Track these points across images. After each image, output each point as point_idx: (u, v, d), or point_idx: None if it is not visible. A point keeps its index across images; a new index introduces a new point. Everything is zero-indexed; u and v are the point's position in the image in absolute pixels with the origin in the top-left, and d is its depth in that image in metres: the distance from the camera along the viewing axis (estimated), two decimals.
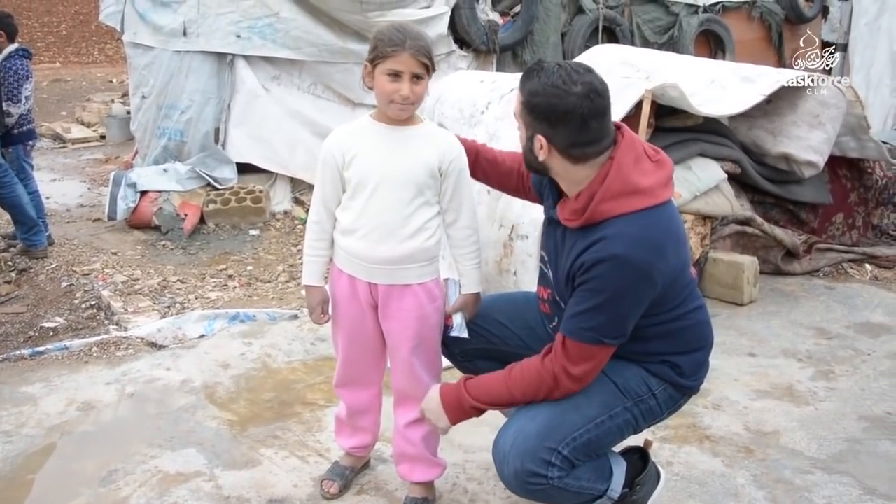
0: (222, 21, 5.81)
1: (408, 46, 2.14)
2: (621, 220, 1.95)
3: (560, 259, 2.11)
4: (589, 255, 1.96)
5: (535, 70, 2.02)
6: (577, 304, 2.00)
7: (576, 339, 2.01)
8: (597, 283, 1.95)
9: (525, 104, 2.02)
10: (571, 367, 2.02)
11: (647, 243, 1.95)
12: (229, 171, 5.88)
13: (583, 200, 2.00)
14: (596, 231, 1.97)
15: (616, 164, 1.99)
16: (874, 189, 5.15)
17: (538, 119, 2.00)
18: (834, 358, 3.60)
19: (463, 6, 6.44)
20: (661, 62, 4.67)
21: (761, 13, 8.95)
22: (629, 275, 1.94)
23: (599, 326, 1.99)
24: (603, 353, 2.04)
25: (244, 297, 4.45)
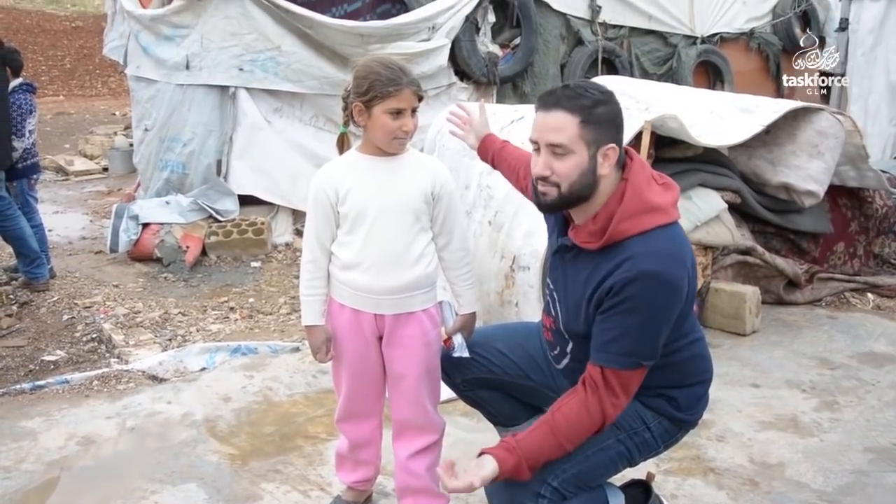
0: (225, 54, 5.87)
1: (406, 83, 2.18)
2: (642, 238, 1.94)
3: (571, 287, 2.09)
4: (618, 275, 1.92)
5: (565, 92, 1.96)
6: (610, 329, 1.96)
7: (615, 367, 1.96)
8: (630, 303, 1.92)
9: (586, 121, 1.91)
10: (617, 400, 1.98)
11: (675, 258, 1.95)
12: (231, 203, 5.90)
13: (601, 221, 1.98)
14: (618, 251, 1.95)
15: (631, 183, 1.98)
16: (874, 218, 5.16)
17: (606, 128, 1.94)
18: (838, 388, 3.58)
19: (463, 39, 6.52)
20: (660, 93, 4.71)
21: (759, 44, 9.04)
22: (662, 291, 1.93)
23: (637, 349, 1.96)
24: (639, 377, 2.01)
25: (246, 329, 4.44)
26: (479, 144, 2.69)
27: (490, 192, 3.87)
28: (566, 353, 2.21)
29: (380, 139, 2.25)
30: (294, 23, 5.91)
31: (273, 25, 5.90)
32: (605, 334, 1.97)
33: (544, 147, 1.96)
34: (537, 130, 1.99)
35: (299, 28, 5.93)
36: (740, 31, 8.93)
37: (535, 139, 2.00)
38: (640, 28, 8.02)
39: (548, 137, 1.95)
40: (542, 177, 1.97)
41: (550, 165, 1.95)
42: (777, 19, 9.08)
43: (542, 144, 1.96)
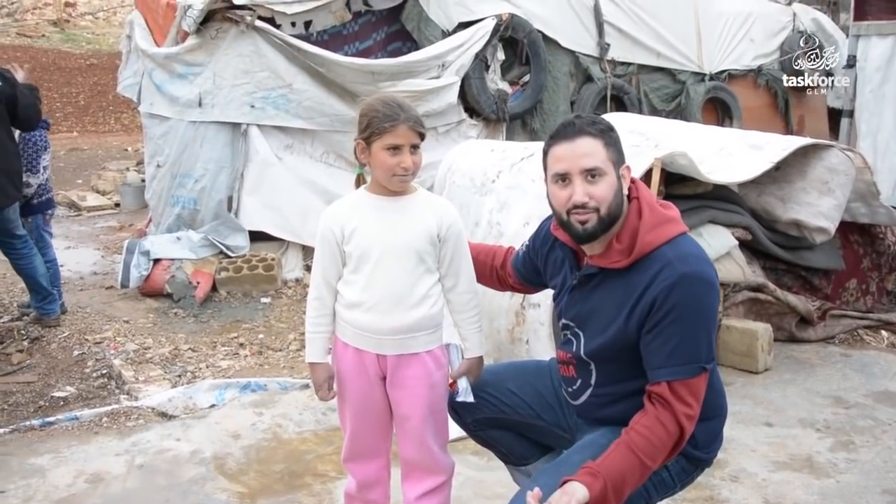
0: (237, 92, 5.94)
1: (403, 119, 2.18)
2: (670, 245, 2.01)
3: (600, 313, 2.10)
4: (658, 286, 1.96)
5: (582, 121, 2.07)
6: (664, 342, 1.97)
7: (681, 378, 1.97)
8: (678, 310, 1.95)
9: (607, 143, 2.04)
10: (689, 410, 1.98)
11: (705, 259, 2.05)
12: (242, 239, 5.92)
13: (626, 239, 2.03)
14: (650, 262, 2.00)
15: (643, 200, 2.07)
16: (887, 254, 5.13)
17: (620, 149, 2.09)
18: (853, 428, 3.53)
19: (473, 76, 6.58)
20: (670, 130, 4.73)
21: (767, 80, 9.09)
22: (705, 290, 1.98)
23: (696, 354, 1.97)
24: (705, 382, 2.02)
25: (255, 365, 4.44)
26: None
27: (500, 230, 3.88)
28: (589, 385, 2.19)
29: (381, 176, 2.25)
30: (306, 60, 5.98)
31: (285, 63, 5.97)
32: (661, 349, 1.99)
33: (578, 175, 2.02)
34: (567, 160, 2.03)
35: (311, 66, 6.00)
36: (748, 67, 8.98)
37: (564, 170, 2.04)
38: (649, 65, 8.08)
39: (582, 164, 2.01)
40: (582, 204, 2.01)
41: (588, 191, 2.01)
42: (785, 56, 9.13)
43: (576, 172, 2.02)
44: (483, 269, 2.55)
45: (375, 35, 6.74)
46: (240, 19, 5.84)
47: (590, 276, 2.12)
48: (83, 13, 27.03)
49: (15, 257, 4.86)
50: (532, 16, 7.05)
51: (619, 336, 2.05)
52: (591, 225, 2.03)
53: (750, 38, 8.94)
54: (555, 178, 2.07)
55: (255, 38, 5.91)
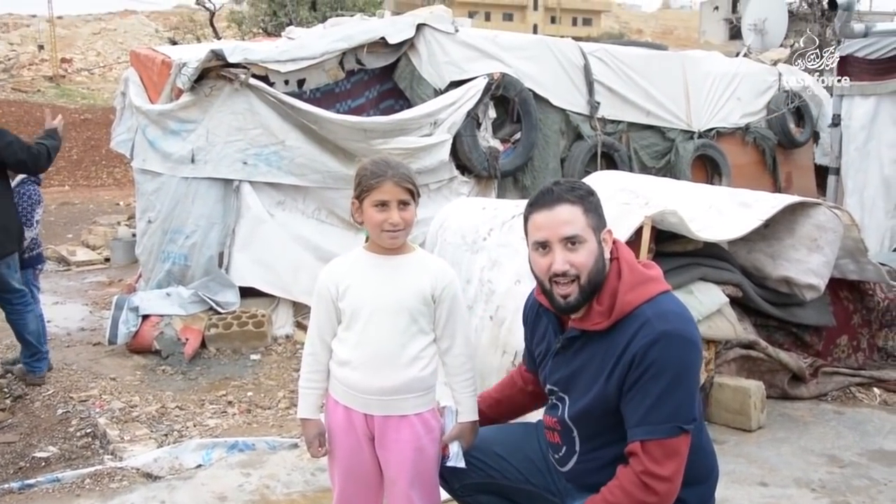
0: (230, 148, 5.97)
1: (390, 175, 2.20)
2: (650, 304, 2.01)
3: (583, 375, 2.09)
4: (638, 343, 1.96)
5: (561, 188, 2.07)
6: (641, 400, 1.96)
7: (654, 437, 1.94)
8: (656, 367, 1.94)
9: (587, 209, 2.04)
10: (658, 469, 1.93)
11: (687, 317, 2.04)
12: (232, 295, 5.90)
13: (606, 300, 2.03)
14: (630, 322, 1.99)
15: (623, 260, 2.08)
16: (877, 311, 5.15)
17: (600, 213, 2.09)
18: (849, 488, 3.49)
19: (464, 134, 6.65)
20: (660, 188, 4.77)
21: (754, 138, 9.20)
22: (684, 347, 1.97)
23: (674, 412, 1.95)
24: (684, 444, 1.98)
25: (243, 424, 4.37)
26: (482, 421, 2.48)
27: (492, 287, 3.87)
28: (574, 451, 2.17)
29: (372, 233, 2.27)
30: (299, 118, 6.04)
31: (278, 120, 6.02)
32: (638, 407, 1.97)
33: (557, 243, 2.02)
34: (546, 229, 2.03)
35: (304, 123, 6.06)
36: (736, 125, 9.10)
37: (544, 238, 2.04)
38: (639, 123, 8.16)
39: (561, 232, 2.01)
40: (562, 272, 2.00)
41: (568, 259, 2.01)
42: (771, 115, 9.27)
43: (556, 241, 2.02)
44: (516, 401, 2.54)
45: (368, 93, 6.82)
46: (234, 77, 5.91)
47: (572, 340, 2.12)
48: (79, 69, 27.39)
49: (9, 311, 4.83)
50: (523, 75, 7.16)
51: (600, 398, 2.04)
52: (573, 298, 2.03)
53: (737, 97, 9.08)
54: (535, 246, 2.07)
55: (248, 95, 5.97)
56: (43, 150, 4.77)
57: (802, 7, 18.40)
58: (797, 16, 17.81)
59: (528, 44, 7.48)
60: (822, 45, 15.39)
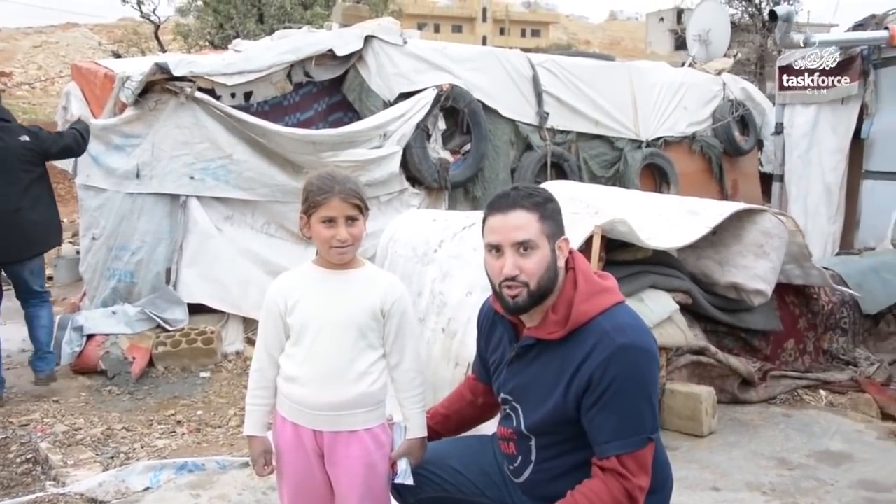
0: (176, 163, 5.87)
1: (336, 191, 2.18)
2: (605, 316, 2.01)
3: (538, 385, 2.08)
4: (595, 359, 1.95)
5: (518, 193, 2.06)
6: (607, 417, 1.96)
7: (628, 451, 1.95)
8: (619, 382, 1.94)
9: (543, 216, 2.03)
10: (640, 481, 1.96)
11: (643, 328, 2.04)
12: (180, 312, 5.78)
13: (562, 309, 2.03)
14: (586, 334, 1.99)
15: (579, 270, 2.08)
16: (821, 314, 5.26)
17: (557, 222, 2.08)
18: (798, 490, 3.54)
19: (414, 145, 6.64)
20: (610, 197, 4.82)
21: (701, 147, 9.37)
22: (643, 359, 1.98)
23: (642, 424, 1.97)
24: (651, 452, 2.01)
25: (193, 444, 4.27)
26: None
27: (443, 299, 3.86)
28: (530, 461, 2.16)
29: (321, 249, 2.25)
30: (246, 131, 5.97)
31: (225, 134, 5.95)
32: (606, 424, 1.97)
33: (510, 248, 2.02)
34: (499, 232, 2.04)
35: (252, 136, 5.99)
36: (683, 134, 9.26)
37: (497, 242, 2.04)
38: (587, 133, 8.27)
39: (513, 236, 2.01)
40: (512, 277, 2.01)
41: (518, 264, 2.01)
42: (717, 123, 9.46)
43: (508, 245, 2.02)
44: (466, 416, 2.52)
45: (317, 105, 6.77)
46: (179, 90, 5.82)
47: (527, 348, 2.12)
48: (19, 83, 26.75)
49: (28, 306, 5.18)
50: (472, 86, 7.19)
51: (559, 409, 2.03)
52: (521, 299, 2.03)
53: (683, 107, 9.25)
54: (489, 248, 2.08)
55: (194, 109, 5.89)
56: (77, 134, 5.19)
57: (744, 18, 18.84)
58: (739, 27, 18.25)
59: (476, 55, 7.52)
60: (763, 56, 15.79)
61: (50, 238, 5.23)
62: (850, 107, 8.05)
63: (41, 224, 5.04)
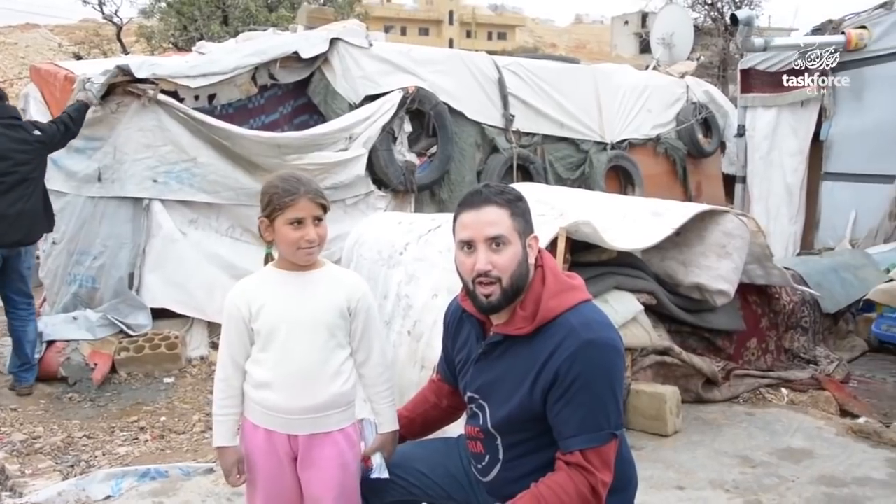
0: (139, 166, 5.80)
1: (303, 192, 2.17)
2: (573, 312, 2.02)
3: (505, 381, 2.09)
4: (562, 354, 1.96)
5: (490, 190, 2.08)
6: (575, 410, 1.97)
7: (593, 446, 1.96)
8: (585, 376, 1.95)
9: (514, 213, 2.05)
10: (604, 476, 1.97)
11: (608, 324, 2.06)
12: (143, 317, 5.70)
13: (530, 305, 2.04)
14: (553, 330, 2.00)
15: (547, 268, 2.10)
16: (783, 314, 5.34)
17: (527, 219, 2.09)
18: (760, 487, 3.58)
19: (380, 148, 6.63)
20: (575, 199, 4.84)
21: (665, 149, 9.47)
22: (609, 354, 1.99)
23: (607, 419, 1.97)
24: (615, 449, 2.02)
25: (156, 450, 4.22)
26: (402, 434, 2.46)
27: (409, 302, 3.85)
28: (497, 460, 2.16)
29: (286, 252, 2.23)
30: (210, 134, 5.92)
31: (189, 137, 5.89)
32: (571, 418, 1.98)
33: (482, 243, 2.03)
34: (472, 228, 2.04)
35: (216, 139, 5.94)
36: (647, 136, 9.35)
37: (469, 238, 2.05)
38: (553, 135, 8.31)
39: (486, 232, 2.02)
40: (484, 272, 2.01)
41: (491, 260, 2.01)
42: (681, 126, 9.56)
43: (480, 240, 2.03)
44: (430, 418, 2.52)
45: (282, 108, 6.74)
46: (142, 93, 5.76)
47: (495, 345, 2.12)
48: None
49: (13, 317, 5.02)
50: (438, 89, 7.20)
51: (525, 405, 2.04)
52: (494, 298, 2.04)
53: (648, 109, 9.34)
54: (461, 245, 2.08)
55: (157, 111, 5.82)
56: (67, 116, 5.26)
57: (707, 22, 19.08)
58: (703, 30, 18.48)
59: (442, 58, 7.53)
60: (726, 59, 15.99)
61: (49, 223, 5.32)
62: (810, 109, 8.22)
63: (43, 212, 5.18)
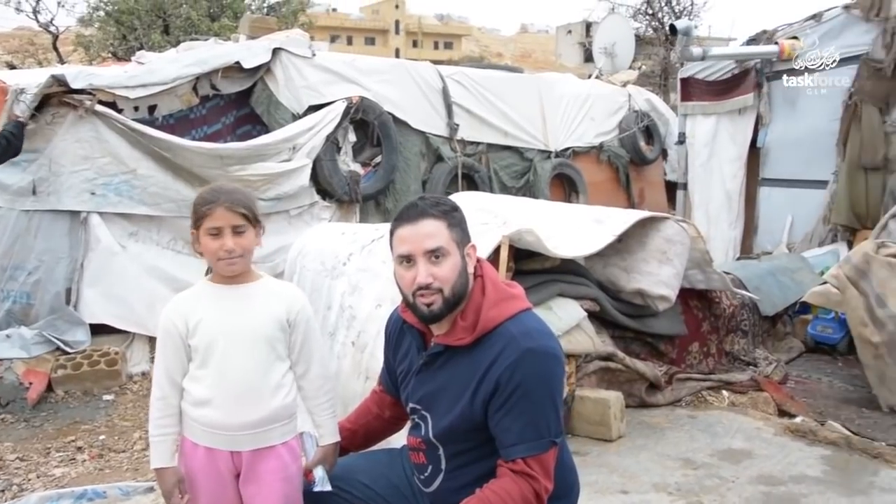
0: (76, 178, 5.67)
1: (221, 201, 2.15)
2: (511, 322, 2.03)
3: (447, 391, 2.09)
4: (502, 363, 1.97)
5: (425, 203, 2.09)
6: (516, 419, 1.97)
7: (535, 453, 1.97)
8: (525, 385, 1.96)
9: (451, 224, 2.05)
10: (547, 483, 1.99)
11: (548, 332, 2.07)
12: (82, 333, 5.56)
13: (470, 315, 2.05)
14: (494, 339, 2.01)
15: (487, 277, 2.10)
16: (723, 317, 5.45)
17: (464, 229, 2.10)
18: (701, 488, 3.64)
19: (324, 158, 6.59)
20: (518, 208, 4.88)
21: (608, 156, 9.59)
22: (549, 362, 2.00)
23: (547, 427, 1.98)
24: (554, 457, 2.03)
25: (95, 470, 4.11)
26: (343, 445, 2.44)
27: (353, 313, 3.83)
28: (440, 470, 2.16)
29: (210, 262, 2.21)
30: (151, 145, 5.82)
31: (128, 148, 5.78)
32: (512, 426, 1.98)
33: (421, 256, 2.03)
34: (410, 242, 2.04)
35: (156, 151, 5.84)
36: (590, 145, 9.45)
37: (408, 252, 2.04)
38: (497, 144, 8.35)
39: (425, 245, 2.02)
40: (426, 285, 2.01)
41: (431, 272, 2.01)
42: (623, 134, 9.70)
43: (419, 254, 2.03)
44: (372, 430, 2.50)
45: (224, 119, 6.65)
46: (78, 104, 5.63)
47: (436, 356, 2.12)
48: None
49: None
50: (382, 98, 7.19)
51: (466, 415, 2.04)
52: (436, 307, 2.04)
53: (591, 118, 9.45)
54: (399, 260, 2.07)
55: (95, 122, 5.71)
56: (8, 134, 5.22)
57: (649, 32, 19.43)
58: (644, 40, 18.79)
59: (386, 67, 7.52)
60: (667, 68, 16.28)
61: None
62: (747, 117, 8.42)
63: None
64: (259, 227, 2.24)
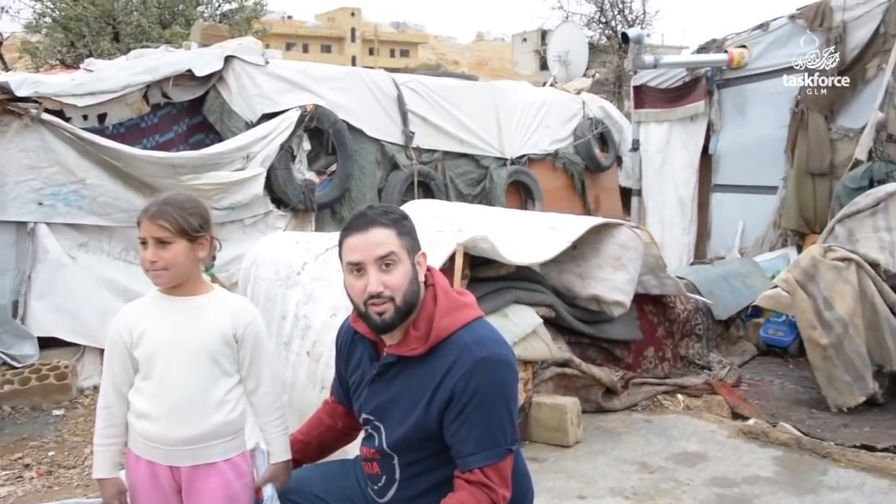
0: (22, 188, 5.54)
1: (149, 214, 2.14)
2: (465, 331, 2.03)
3: (401, 402, 2.08)
4: (457, 372, 1.97)
5: (374, 212, 2.07)
6: (471, 429, 1.97)
7: (491, 463, 1.97)
8: (480, 394, 1.96)
9: (401, 232, 2.04)
10: (504, 492, 1.99)
11: (501, 340, 2.08)
12: (30, 346, 5.42)
13: (423, 325, 2.04)
14: (448, 348, 2.01)
15: (438, 287, 2.10)
16: (678, 322, 5.52)
17: (414, 237, 2.09)
18: (657, 492, 3.68)
19: (278, 166, 6.54)
20: (473, 215, 4.89)
21: (563, 163, 9.67)
22: (503, 370, 2.00)
23: (503, 436, 1.99)
24: (510, 465, 2.03)
25: (43, 488, 4.01)
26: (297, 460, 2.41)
27: (308, 322, 3.79)
28: (394, 480, 2.15)
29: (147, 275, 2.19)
30: (100, 154, 5.71)
31: (76, 158, 5.66)
32: (468, 437, 1.98)
33: (372, 264, 2.01)
34: (360, 251, 2.02)
35: (106, 160, 5.73)
36: (546, 152, 9.52)
37: (358, 260, 2.02)
38: (453, 152, 8.36)
39: (375, 252, 2.01)
40: (377, 293, 1.99)
41: (382, 280, 2.00)
42: (578, 141, 9.79)
43: (370, 262, 2.01)
44: (326, 441, 2.48)
45: (176, 127, 6.56)
46: (23, 112, 5.50)
47: (389, 366, 2.11)
48: None
49: None
50: (336, 106, 7.16)
51: (420, 425, 2.04)
52: (388, 315, 2.03)
53: (546, 125, 9.52)
54: (350, 269, 2.05)
55: (41, 131, 5.58)
56: None
57: (602, 40, 19.68)
58: (597, 48, 19.03)
59: (340, 75, 7.50)
60: (621, 76, 16.51)
61: None
62: (698, 124, 8.56)
63: None
64: (203, 240, 2.19)
